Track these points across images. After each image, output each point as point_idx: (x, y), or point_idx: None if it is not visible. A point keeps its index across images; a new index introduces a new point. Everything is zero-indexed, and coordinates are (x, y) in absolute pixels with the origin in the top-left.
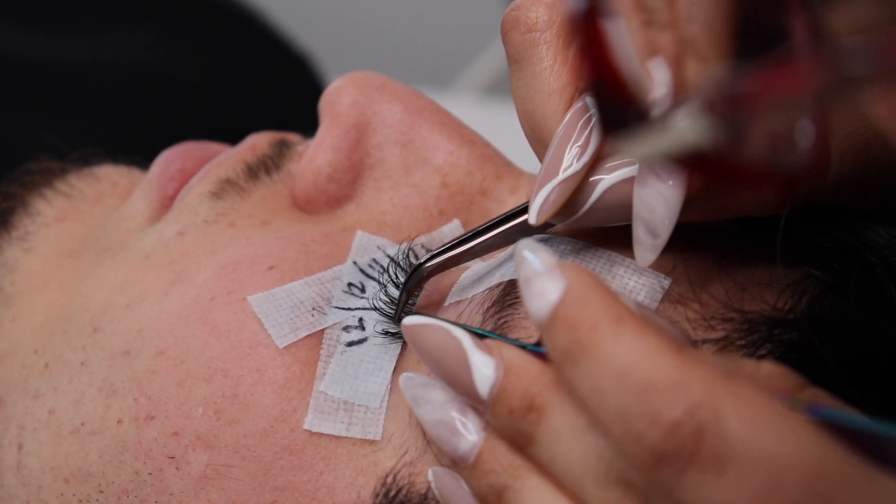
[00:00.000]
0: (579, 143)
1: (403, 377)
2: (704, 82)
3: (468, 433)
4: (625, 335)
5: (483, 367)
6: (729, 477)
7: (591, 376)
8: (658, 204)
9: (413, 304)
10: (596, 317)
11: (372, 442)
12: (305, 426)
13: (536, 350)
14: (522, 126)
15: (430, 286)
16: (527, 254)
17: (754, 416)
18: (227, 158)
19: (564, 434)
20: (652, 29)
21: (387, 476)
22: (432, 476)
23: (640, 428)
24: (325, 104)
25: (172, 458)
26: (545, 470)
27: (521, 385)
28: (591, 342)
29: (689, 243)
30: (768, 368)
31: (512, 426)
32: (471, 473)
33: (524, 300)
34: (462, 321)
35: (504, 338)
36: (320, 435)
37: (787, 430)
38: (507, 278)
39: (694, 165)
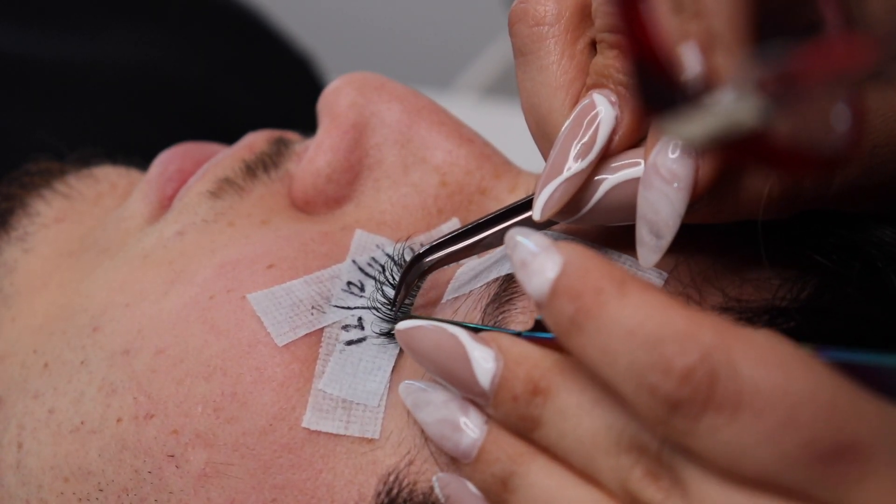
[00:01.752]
0: (584, 141)
1: (403, 385)
2: (735, 70)
3: (470, 428)
4: (630, 296)
5: (483, 361)
6: (744, 417)
7: (600, 338)
8: (663, 205)
9: (411, 304)
10: (599, 282)
11: (370, 440)
12: (304, 424)
13: (532, 336)
14: (527, 120)
15: (427, 284)
16: (520, 238)
17: (766, 357)
18: (225, 158)
19: (571, 411)
20: (681, 16)
21: (389, 475)
22: (437, 483)
23: (653, 379)
24: (324, 105)
25: (172, 456)
26: (551, 452)
27: (523, 371)
28: (597, 305)
29: (690, 240)
30: (765, 334)
31: (516, 413)
32: (474, 467)
33: (522, 282)
34: (459, 317)
35: (498, 328)
36: (319, 433)
37: (799, 368)
38: (503, 273)
39: (739, 147)
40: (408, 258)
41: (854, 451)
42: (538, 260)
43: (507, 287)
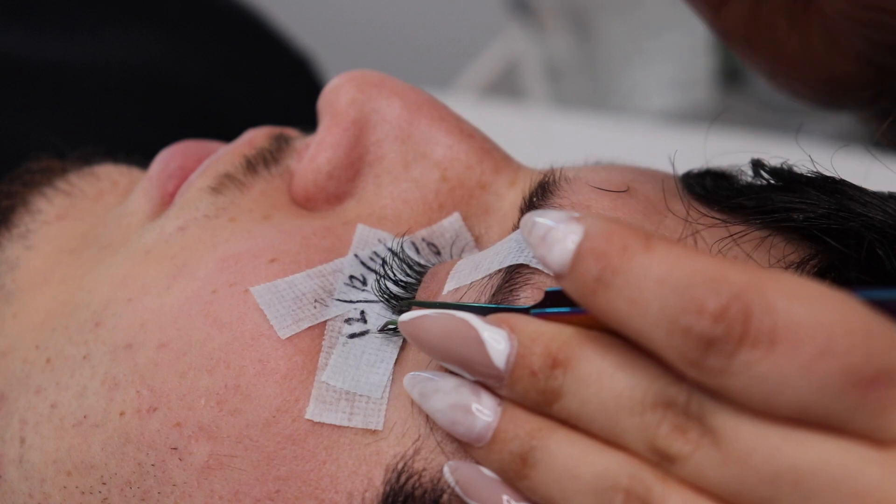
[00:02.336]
0: None
1: (408, 376)
2: None
3: (483, 412)
4: (657, 249)
5: (495, 343)
6: (781, 349)
7: (629, 291)
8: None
9: (411, 297)
10: (623, 241)
11: (374, 432)
12: (307, 416)
13: (542, 312)
14: None
15: (427, 277)
16: (537, 218)
17: (799, 291)
18: (225, 153)
19: (593, 378)
20: None
21: (396, 464)
22: (449, 471)
23: (686, 321)
24: (324, 103)
25: (175, 449)
26: (572, 422)
27: (540, 346)
28: (624, 261)
29: (693, 227)
30: (794, 274)
31: (535, 388)
32: (490, 449)
33: (542, 257)
34: None
35: (506, 305)
36: (322, 425)
37: (832, 301)
38: (506, 264)
39: None
40: (409, 252)
41: (890, 377)
42: (558, 231)
43: (511, 278)
